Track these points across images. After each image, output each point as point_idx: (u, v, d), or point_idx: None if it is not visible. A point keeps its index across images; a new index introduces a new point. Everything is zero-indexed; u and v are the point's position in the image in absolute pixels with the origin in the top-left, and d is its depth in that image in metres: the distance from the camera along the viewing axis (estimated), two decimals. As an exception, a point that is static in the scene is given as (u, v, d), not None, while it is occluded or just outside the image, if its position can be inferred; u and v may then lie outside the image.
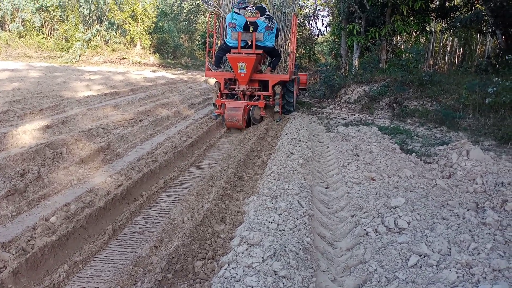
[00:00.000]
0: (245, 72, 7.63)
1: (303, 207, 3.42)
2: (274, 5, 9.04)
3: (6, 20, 26.15)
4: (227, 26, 7.90)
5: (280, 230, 3.01)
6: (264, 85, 8.37)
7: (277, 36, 8.14)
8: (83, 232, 3.25)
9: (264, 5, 8.36)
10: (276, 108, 8.30)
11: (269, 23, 7.65)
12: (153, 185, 4.45)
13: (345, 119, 8.84)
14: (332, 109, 10.64)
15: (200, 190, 4.12)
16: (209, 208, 3.50)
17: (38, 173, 4.38)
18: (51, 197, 3.98)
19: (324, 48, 27.19)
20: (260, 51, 7.71)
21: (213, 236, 3.19)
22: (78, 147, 5.50)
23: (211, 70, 8.42)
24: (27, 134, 5.74)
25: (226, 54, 7.89)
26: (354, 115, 9.52)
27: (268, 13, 8.04)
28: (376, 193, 3.87)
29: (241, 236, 2.97)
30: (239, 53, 7.59)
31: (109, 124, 6.82)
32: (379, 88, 10.34)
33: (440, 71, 17.62)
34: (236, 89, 8.07)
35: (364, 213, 3.48)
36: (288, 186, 3.93)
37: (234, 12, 7.70)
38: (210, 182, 4.36)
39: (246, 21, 7.89)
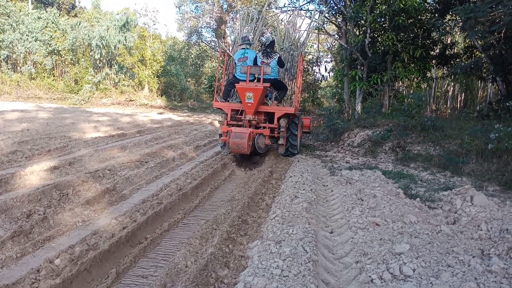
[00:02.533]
0: (252, 102, 7.94)
1: (308, 253, 3.41)
2: (282, 48, 9.45)
3: (18, 62, 27.06)
4: (237, 62, 8.41)
5: (284, 276, 2.99)
6: (270, 118, 8.62)
7: (281, 65, 8.52)
8: (86, 275, 3.24)
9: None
10: (281, 141, 8.51)
11: (263, 57, 8.27)
12: (157, 228, 4.46)
13: (348, 163, 8.90)
14: (335, 152, 10.73)
15: (204, 233, 4.12)
16: (213, 252, 3.49)
17: (44, 214, 4.41)
18: (56, 238, 3.99)
19: (327, 92, 27.76)
20: (268, 84, 8.05)
21: (217, 282, 3.17)
22: (84, 188, 5.55)
23: (219, 102, 8.76)
24: (35, 175, 5.82)
25: (235, 84, 8.22)
26: (358, 158, 9.59)
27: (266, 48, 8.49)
28: (381, 239, 3.86)
29: (244, 282, 2.95)
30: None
31: (115, 166, 6.91)
32: (382, 133, 10.48)
33: (443, 116, 17.84)
34: (242, 118, 8.30)
35: (369, 259, 3.46)
36: (293, 231, 3.93)
37: (243, 48, 8.37)
38: (214, 226, 4.37)
39: (256, 56, 8.41)
